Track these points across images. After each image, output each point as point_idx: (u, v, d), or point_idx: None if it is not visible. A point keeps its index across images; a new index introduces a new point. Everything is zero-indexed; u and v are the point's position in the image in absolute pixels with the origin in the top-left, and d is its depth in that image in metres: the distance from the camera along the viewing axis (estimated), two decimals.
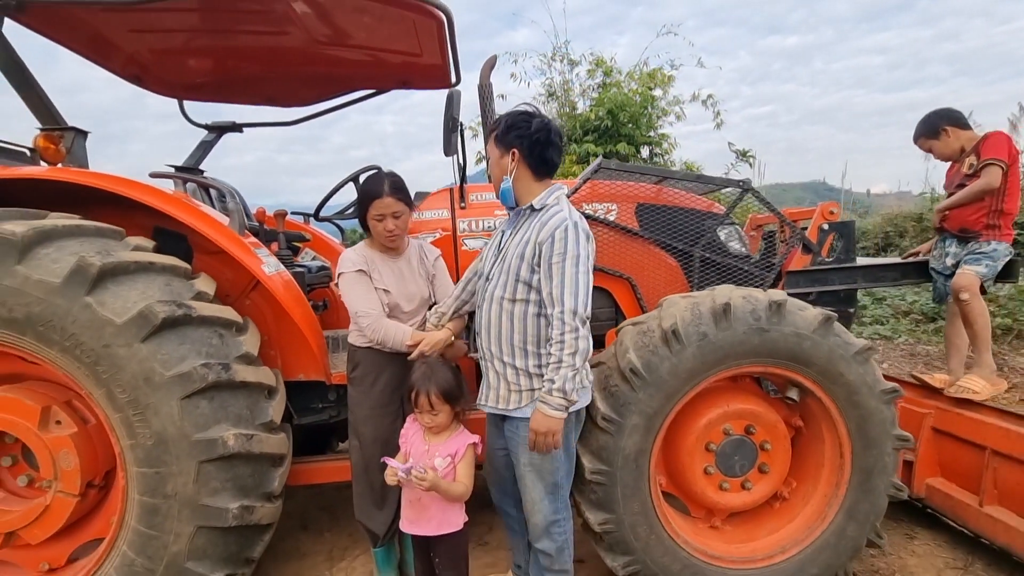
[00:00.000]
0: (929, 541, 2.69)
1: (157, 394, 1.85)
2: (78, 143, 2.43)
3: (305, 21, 2.52)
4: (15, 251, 1.78)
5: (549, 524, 1.92)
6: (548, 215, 1.80)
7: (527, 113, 1.87)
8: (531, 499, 1.92)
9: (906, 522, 2.85)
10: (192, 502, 1.90)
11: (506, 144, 1.86)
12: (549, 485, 1.89)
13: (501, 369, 1.88)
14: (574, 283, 1.71)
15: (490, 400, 1.94)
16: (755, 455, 2.21)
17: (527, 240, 1.81)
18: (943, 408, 2.67)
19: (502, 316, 1.86)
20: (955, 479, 2.61)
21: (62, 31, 2.56)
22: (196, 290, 2.06)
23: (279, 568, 2.65)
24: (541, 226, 1.78)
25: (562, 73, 9.23)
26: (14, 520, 2.01)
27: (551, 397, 1.71)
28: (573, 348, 1.70)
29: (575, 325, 1.70)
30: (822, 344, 2.05)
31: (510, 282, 1.84)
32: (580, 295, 1.71)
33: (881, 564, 2.52)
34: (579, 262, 1.73)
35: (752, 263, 2.79)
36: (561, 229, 1.74)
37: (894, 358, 5.87)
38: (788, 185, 34.67)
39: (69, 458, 1.97)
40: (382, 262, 2.23)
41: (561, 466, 1.90)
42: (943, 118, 2.93)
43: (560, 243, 1.73)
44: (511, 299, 1.84)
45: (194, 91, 3.30)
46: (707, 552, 2.17)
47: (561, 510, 1.94)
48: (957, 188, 2.90)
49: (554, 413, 1.72)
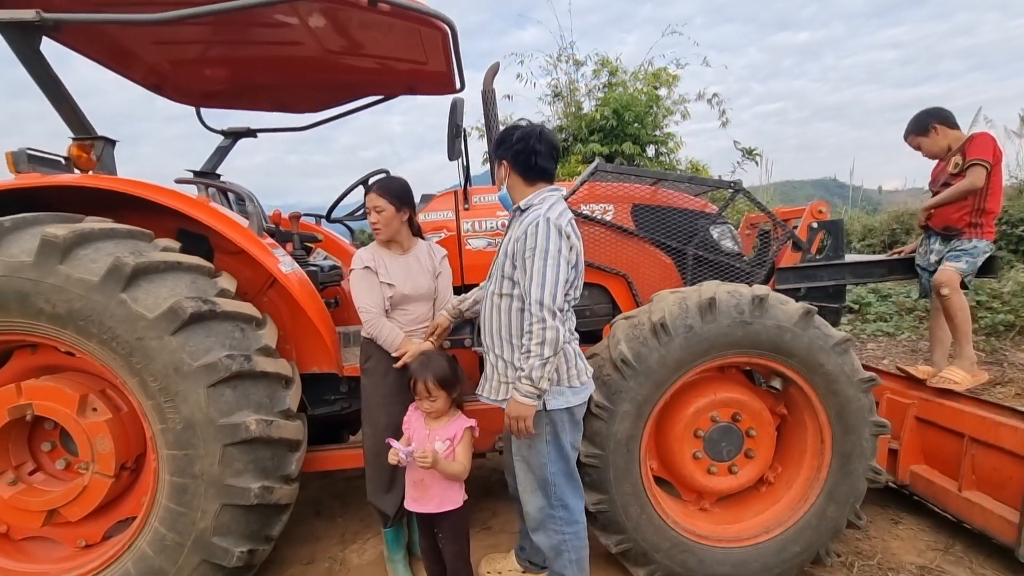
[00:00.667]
0: (913, 526, 2.81)
1: (185, 382, 2.02)
2: (107, 151, 2.60)
3: (318, 33, 2.68)
4: (58, 252, 1.95)
5: (543, 517, 1.98)
6: (528, 214, 1.91)
7: (512, 127, 2.02)
8: (523, 487, 2.02)
9: (892, 508, 2.96)
10: (217, 482, 2.06)
11: (498, 157, 2.05)
12: (539, 479, 1.96)
13: (494, 361, 2.00)
14: (541, 275, 1.79)
15: (485, 391, 2.06)
16: (741, 441, 2.34)
17: (512, 238, 1.94)
18: (926, 398, 2.78)
19: (494, 311, 1.99)
20: (937, 466, 2.72)
21: (91, 46, 2.74)
22: (219, 287, 2.22)
23: (295, 550, 2.82)
24: (521, 225, 1.91)
25: (568, 73, 9.34)
26: (55, 499, 2.19)
27: (520, 384, 1.80)
28: (540, 338, 1.76)
29: (542, 316, 1.77)
30: (802, 336, 2.18)
31: (500, 278, 1.97)
32: (547, 287, 1.78)
33: (865, 546, 2.64)
34: (547, 256, 1.79)
35: (743, 260, 2.91)
36: (533, 225, 1.83)
37: (896, 354, 5.94)
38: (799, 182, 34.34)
39: (105, 442, 2.15)
40: (389, 258, 2.39)
41: (550, 462, 1.94)
42: (933, 116, 3.01)
43: (532, 238, 1.82)
44: (500, 294, 1.97)
45: (211, 99, 3.46)
46: (695, 532, 2.31)
47: (557, 508, 1.98)
48: (942, 187, 3.00)
49: (524, 400, 1.80)
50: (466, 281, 2.83)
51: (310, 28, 2.63)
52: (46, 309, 1.98)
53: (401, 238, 2.42)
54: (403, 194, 2.37)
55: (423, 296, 2.41)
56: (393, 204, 2.33)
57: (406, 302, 2.38)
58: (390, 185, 2.37)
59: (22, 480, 2.23)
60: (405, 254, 2.43)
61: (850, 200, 10.60)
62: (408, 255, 2.43)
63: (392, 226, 2.36)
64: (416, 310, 2.41)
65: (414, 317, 2.41)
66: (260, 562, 2.31)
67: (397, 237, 2.41)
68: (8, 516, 2.23)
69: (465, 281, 2.83)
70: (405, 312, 2.40)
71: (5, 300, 1.97)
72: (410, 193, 2.43)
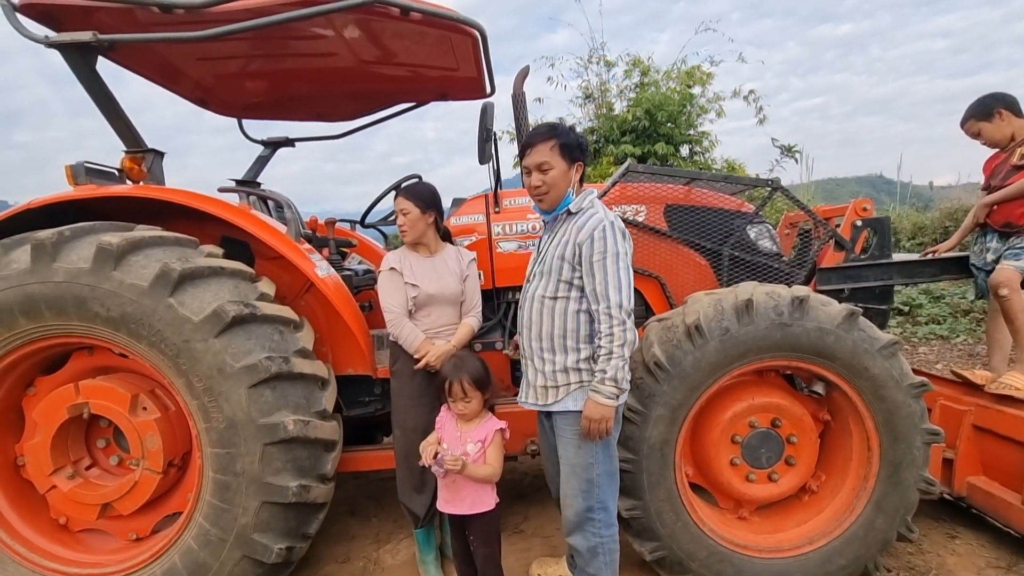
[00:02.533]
0: (971, 541, 2.64)
1: (228, 383, 2.10)
2: (156, 163, 2.74)
3: (352, 44, 2.75)
4: (112, 259, 2.06)
5: (582, 520, 1.97)
6: (586, 217, 1.92)
7: (568, 127, 2.03)
8: (565, 492, 1.99)
9: (947, 521, 2.80)
10: (258, 480, 2.13)
11: (573, 158, 1.98)
12: (583, 481, 1.95)
13: (540, 365, 1.98)
14: (616, 279, 1.83)
15: (530, 397, 2.03)
16: (782, 448, 2.26)
17: (567, 241, 1.92)
18: (984, 405, 2.62)
19: (543, 313, 1.96)
20: (997, 477, 2.56)
21: (142, 63, 2.89)
22: (260, 291, 2.30)
23: (330, 548, 2.88)
24: (579, 228, 1.89)
25: (599, 75, 9.28)
26: (109, 493, 2.31)
27: (603, 386, 1.82)
28: (622, 340, 1.81)
29: (622, 318, 1.81)
30: (846, 339, 2.09)
31: (551, 281, 1.95)
32: (624, 289, 1.83)
33: (919, 561, 2.50)
34: (619, 259, 1.84)
35: (782, 260, 2.82)
36: (599, 229, 1.85)
37: (951, 358, 5.63)
38: (842, 180, 33.08)
39: (154, 439, 2.25)
40: (416, 260, 2.46)
41: (598, 463, 1.94)
42: (999, 100, 2.84)
43: (600, 242, 1.84)
44: (552, 297, 1.95)
45: (251, 110, 3.61)
46: (733, 541, 2.23)
47: (598, 510, 1.96)
48: (1003, 180, 2.83)
49: (606, 401, 1.82)
50: (497, 284, 2.84)
51: (345, 39, 2.71)
52: (101, 313, 2.09)
53: (427, 240, 2.47)
54: (428, 198, 2.43)
55: (449, 299, 2.44)
56: (419, 207, 2.39)
57: (431, 303, 2.42)
58: (416, 189, 2.45)
59: (79, 475, 2.37)
60: (432, 256, 2.48)
61: (898, 197, 10.13)
62: (435, 257, 2.47)
63: (417, 228, 2.42)
64: (441, 313, 2.44)
65: (440, 320, 2.44)
66: (297, 559, 2.37)
67: (423, 240, 2.46)
68: (67, 508, 2.37)
69: (496, 284, 2.84)
70: (429, 315, 2.43)
71: (65, 304, 2.09)
72: (437, 198, 2.48)
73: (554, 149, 1.95)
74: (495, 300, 2.91)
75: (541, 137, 1.97)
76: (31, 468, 2.33)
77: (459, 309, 2.49)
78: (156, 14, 2.35)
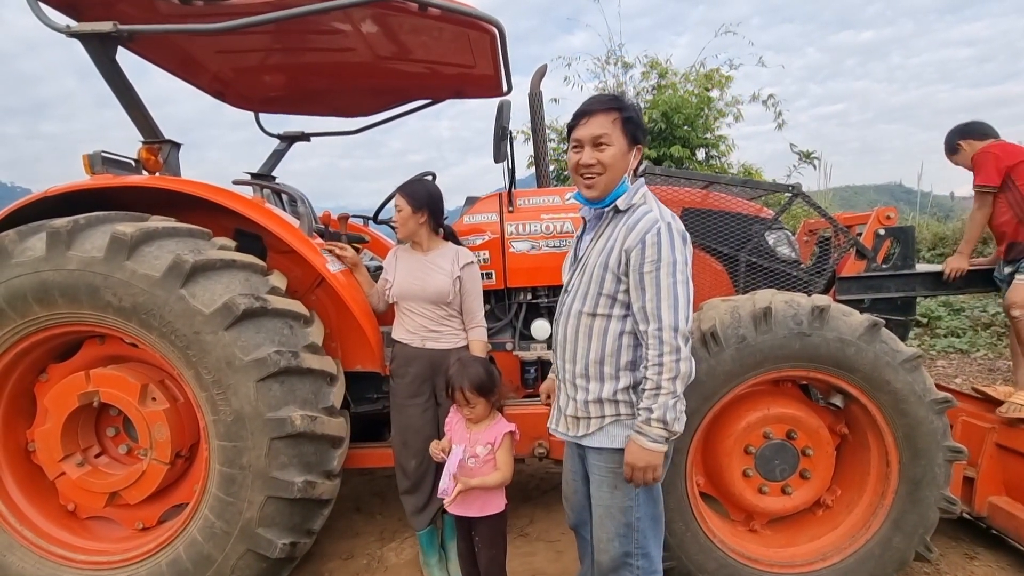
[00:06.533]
0: (991, 563, 2.56)
1: (237, 376, 2.09)
2: (172, 154, 2.75)
3: (370, 39, 2.74)
4: (125, 249, 2.07)
5: (618, 566, 1.69)
6: (636, 217, 1.58)
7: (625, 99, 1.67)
8: (599, 536, 1.71)
9: (967, 542, 2.71)
10: (264, 474, 2.12)
11: (635, 139, 1.62)
12: (620, 525, 1.66)
13: (572, 392, 1.69)
14: (672, 295, 1.49)
15: (560, 426, 1.77)
16: (796, 460, 2.20)
17: (611, 247, 1.59)
18: (1008, 423, 2.53)
19: (579, 332, 1.65)
20: (1020, 498, 2.47)
21: (161, 55, 2.91)
22: (270, 285, 2.29)
23: (335, 545, 2.87)
24: (628, 230, 1.57)
25: (616, 76, 9.21)
26: (117, 482, 2.31)
27: (649, 428, 1.50)
28: (673, 372, 1.48)
29: (676, 345, 1.48)
30: (867, 351, 2.03)
31: (591, 294, 1.63)
32: (680, 308, 1.48)
33: None
34: (676, 269, 1.50)
35: (801, 268, 2.76)
36: (653, 232, 1.52)
37: (970, 372, 5.50)
38: (860, 187, 32.67)
39: (162, 430, 2.25)
40: (404, 255, 2.52)
41: (637, 506, 1.65)
42: (956, 133, 2.99)
43: (652, 248, 1.51)
44: (591, 313, 1.63)
45: (269, 104, 3.62)
46: (744, 554, 2.18)
47: (636, 556, 1.67)
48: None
49: (652, 446, 1.50)
50: (509, 284, 2.81)
51: (362, 34, 2.70)
52: (113, 302, 2.09)
53: (420, 238, 2.49)
54: (422, 198, 2.43)
55: (430, 297, 2.40)
56: (411, 205, 2.41)
57: (406, 299, 2.44)
58: (413, 187, 2.47)
59: (88, 462, 2.37)
60: (424, 254, 2.49)
61: (918, 206, 9.94)
62: (426, 255, 2.48)
63: (408, 226, 2.44)
64: (422, 311, 2.42)
65: (421, 321, 2.42)
66: (301, 555, 2.36)
67: (415, 237, 2.49)
68: (76, 495, 2.38)
69: (508, 284, 2.81)
70: (411, 311, 2.44)
71: (77, 293, 2.10)
72: (433, 198, 2.46)
73: (616, 123, 1.58)
74: (506, 300, 2.88)
75: (603, 105, 1.59)
76: (41, 454, 2.34)
77: (448, 311, 2.44)
78: (176, 6, 2.35)
